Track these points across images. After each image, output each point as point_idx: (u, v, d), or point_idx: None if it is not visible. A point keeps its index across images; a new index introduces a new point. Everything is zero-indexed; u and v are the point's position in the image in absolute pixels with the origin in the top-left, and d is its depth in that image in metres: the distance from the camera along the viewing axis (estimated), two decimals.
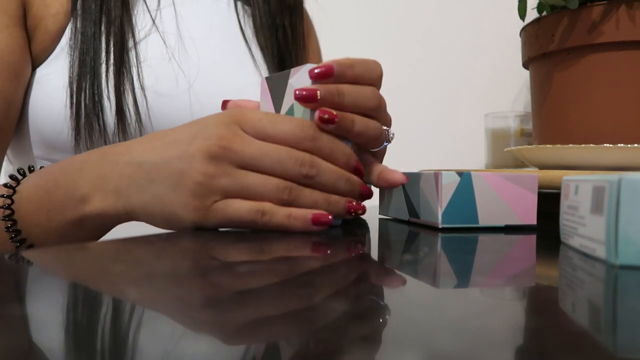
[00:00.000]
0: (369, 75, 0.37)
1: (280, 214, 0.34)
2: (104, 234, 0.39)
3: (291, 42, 0.67)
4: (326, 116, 0.35)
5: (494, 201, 0.36)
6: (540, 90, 0.67)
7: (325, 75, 0.35)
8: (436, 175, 0.36)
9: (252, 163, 0.33)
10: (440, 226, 0.36)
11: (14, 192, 0.38)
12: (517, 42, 0.73)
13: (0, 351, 0.12)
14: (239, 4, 0.67)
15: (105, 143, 0.52)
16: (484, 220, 0.36)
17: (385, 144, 0.40)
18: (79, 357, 0.12)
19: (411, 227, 0.38)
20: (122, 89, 0.52)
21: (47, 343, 0.13)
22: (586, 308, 0.16)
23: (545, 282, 0.20)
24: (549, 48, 0.63)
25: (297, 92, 0.35)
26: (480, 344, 0.13)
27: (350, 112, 0.36)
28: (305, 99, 0.35)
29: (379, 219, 0.45)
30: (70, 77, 0.51)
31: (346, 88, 0.36)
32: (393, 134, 0.41)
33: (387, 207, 0.45)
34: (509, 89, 1.02)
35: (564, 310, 0.16)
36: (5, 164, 0.61)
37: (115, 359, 0.12)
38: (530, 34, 0.66)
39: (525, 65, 0.72)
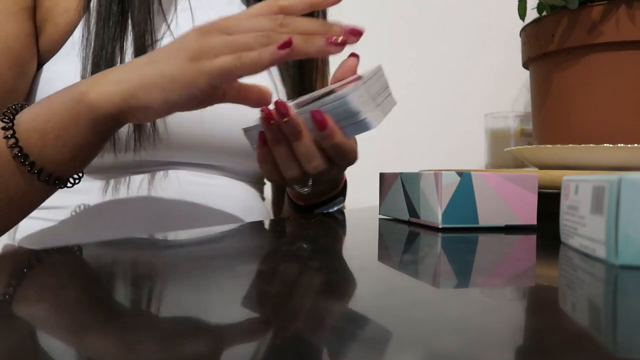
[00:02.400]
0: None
1: (252, 52, 0.37)
2: (102, 136, 0.40)
3: (317, 59, 0.67)
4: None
5: (494, 201, 0.36)
6: (540, 90, 0.67)
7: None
8: (436, 175, 0.36)
9: (235, 27, 0.38)
10: (440, 226, 0.36)
11: (13, 123, 0.39)
12: (517, 42, 0.73)
13: (3, 351, 0.12)
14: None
15: (115, 146, 0.52)
16: (484, 220, 0.36)
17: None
18: (77, 358, 0.12)
19: (411, 227, 0.38)
20: None
21: (46, 343, 0.13)
22: (586, 308, 0.16)
23: (545, 282, 0.20)
24: (549, 48, 0.63)
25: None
26: (480, 344, 0.13)
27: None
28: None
29: (379, 219, 0.45)
30: (82, 77, 0.51)
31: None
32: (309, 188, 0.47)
33: (387, 207, 0.45)
34: (509, 89, 1.02)
35: (564, 310, 0.16)
36: None
37: (113, 358, 0.12)
38: (530, 34, 0.66)
39: (525, 65, 0.71)
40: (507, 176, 0.37)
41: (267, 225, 0.41)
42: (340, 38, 0.38)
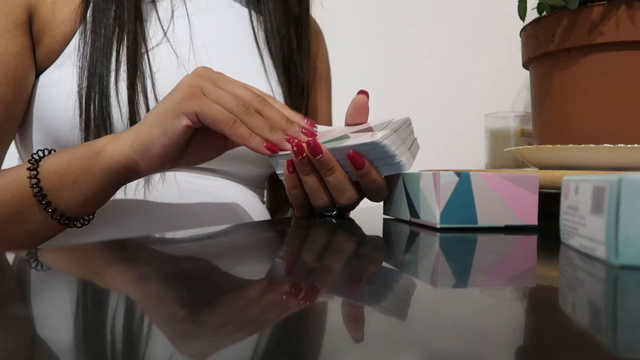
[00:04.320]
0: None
1: (244, 129, 0.42)
2: (113, 185, 0.46)
3: (296, 51, 0.67)
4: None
5: (493, 201, 0.36)
6: (540, 90, 0.67)
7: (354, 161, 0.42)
8: (434, 175, 0.36)
9: (223, 83, 0.43)
10: (438, 226, 0.36)
11: (38, 165, 0.45)
12: (517, 42, 0.73)
13: (3, 351, 0.12)
14: (252, 10, 0.66)
15: None
16: (483, 221, 0.36)
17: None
18: (79, 357, 0.12)
19: (412, 227, 0.38)
20: (135, 100, 0.52)
21: (48, 343, 0.13)
22: (586, 308, 0.16)
23: (545, 282, 0.20)
24: (549, 48, 0.63)
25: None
26: (480, 344, 0.13)
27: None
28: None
29: (383, 219, 0.45)
30: (79, 86, 0.51)
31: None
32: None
33: (391, 207, 0.45)
34: (509, 89, 1.02)
35: (564, 310, 0.16)
36: (18, 160, 0.62)
37: (115, 358, 0.12)
38: (530, 34, 0.66)
39: (525, 65, 0.71)
40: (507, 176, 0.36)
41: (271, 225, 0.41)
42: (297, 150, 0.42)
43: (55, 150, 0.47)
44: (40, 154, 0.46)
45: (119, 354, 0.12)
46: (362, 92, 0.47)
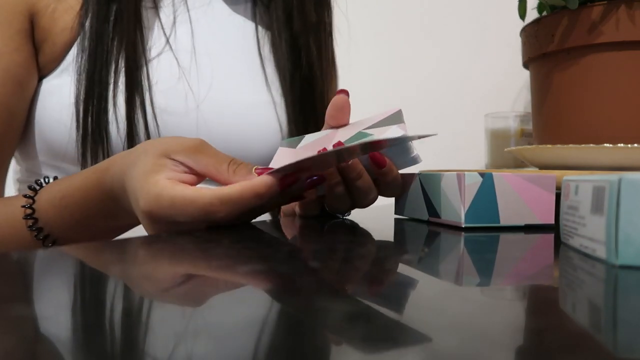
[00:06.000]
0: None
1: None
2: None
3: (316, 60, 0.65)
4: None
5: (514, 201, 0.37)
6: (540, 90, 0.67)
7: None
8: (459, 175, 0.37)
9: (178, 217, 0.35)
10: (463, 225, 0.36)
11: (34, 200, 0.44)
12: (517, 42, 0.73)
13: (4, 350, 0.12)
14: (257, 18, 0.65)
15: (108, 154, 0.52)
16: (505, 220, 0.37)
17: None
18: (81, 357, 0.12)
19: (431, 227, 0.38)
20: (133, 114, 0.51)
21: (50, 343, 0.13)
22: (586, 308, 0.16)
23: (545, 282, 0.20)
24: (549, 48, 0.63)
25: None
26: (481, 344, 0.13)
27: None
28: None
29: (395, 218, 0.45)
30: (76, 98, 0.51)
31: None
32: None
33: (404, 207, 0.45)
34: (509, 89, 1.02)
35: (565, 310, 0.16)
36: (13, 163, 0.62)
37: (118, 358, 0.12)
38: (530, 34, 0.66)
39: (525, 65, 0.71)
40: (526, 177, 0.37)
41: (284, 223, 0.41)
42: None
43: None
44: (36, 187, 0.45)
45: (119, 353, 0.12)
46: (342, 91, 0.45)
